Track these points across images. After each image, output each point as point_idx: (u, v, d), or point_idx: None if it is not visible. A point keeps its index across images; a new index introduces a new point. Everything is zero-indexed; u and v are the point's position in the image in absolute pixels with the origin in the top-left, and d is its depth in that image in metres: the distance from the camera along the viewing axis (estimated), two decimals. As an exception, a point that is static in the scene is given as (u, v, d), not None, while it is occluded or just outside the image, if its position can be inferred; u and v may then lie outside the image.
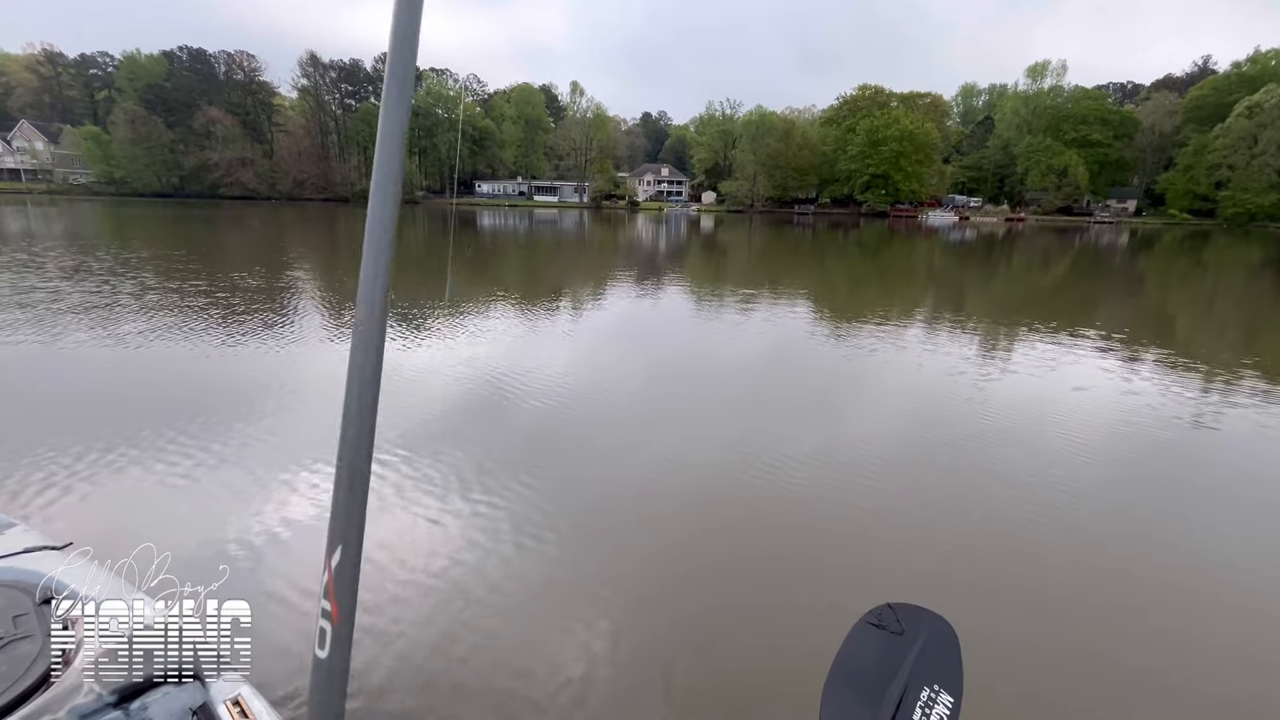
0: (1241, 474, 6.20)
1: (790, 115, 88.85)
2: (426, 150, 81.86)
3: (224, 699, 1.82)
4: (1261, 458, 6.58)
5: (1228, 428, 7.40)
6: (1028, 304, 17.45)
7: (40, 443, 5.65)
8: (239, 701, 1.82)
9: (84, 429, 6.01)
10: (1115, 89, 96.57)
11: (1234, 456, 6.60)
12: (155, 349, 9.23)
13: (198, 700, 1.84)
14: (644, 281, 19.63)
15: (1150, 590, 4.33)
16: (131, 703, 1.79)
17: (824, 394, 8.69)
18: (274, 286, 15.32)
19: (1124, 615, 4.02)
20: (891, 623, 1.77)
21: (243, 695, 1.84)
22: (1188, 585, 4.40)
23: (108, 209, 48.11)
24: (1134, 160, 76.92)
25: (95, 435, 5.87)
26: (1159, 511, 5.47)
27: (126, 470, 5.30)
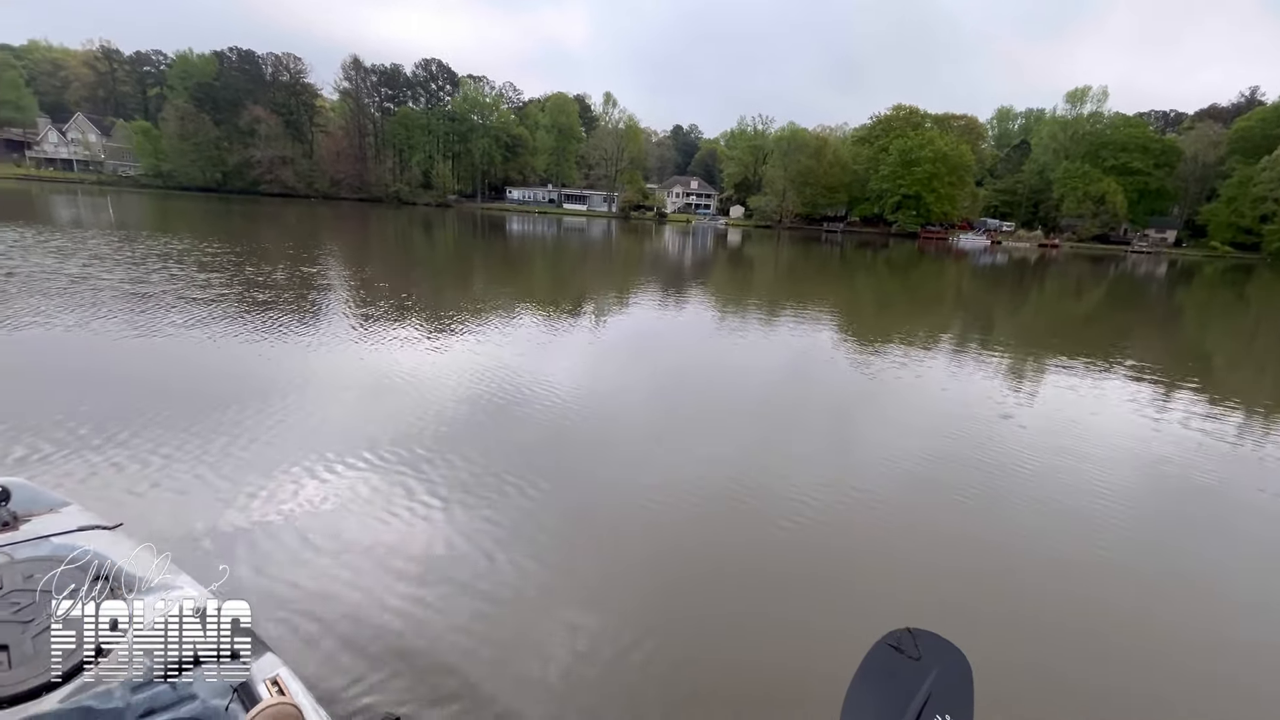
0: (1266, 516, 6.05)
1: (822, 132, 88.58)
2: (460, 155, 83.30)
3: (264, 678, 1.90)
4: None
5: (1263, 471, 7.20)
6: (1057, 332, 17.13)
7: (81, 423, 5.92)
8: (277, 681, 1.88)
9: (125, 412, 6.28)
10: (1157, 117, 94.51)
11: (1267, 500, 6.42)
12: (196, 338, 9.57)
13: (239, 678, 1.93)
14: (668, 293, 19.72)
15: (1176, 638, 4.23)
16: (179, 677, 1.88)
17: (843, 413, 8.65)
18: (304, 280, 15.73)
19: (1148, 665, 3.93)
20: (910, 647, 1.80)
21: (281, 675, 1.91)
22: (1214, 634, 4.30)
23: (154, 201, 49.83)
24: (1175, 190, 74.95)
25: (133, 417, 6.13)
26: (1187, 553, 5.36)
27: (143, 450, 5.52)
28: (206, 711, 1.94)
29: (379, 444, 6.03)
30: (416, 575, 4.12)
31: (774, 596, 4.29)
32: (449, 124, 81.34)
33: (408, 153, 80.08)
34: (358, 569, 4.12)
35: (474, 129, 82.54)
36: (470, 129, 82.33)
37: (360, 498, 5.04)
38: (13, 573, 2.18)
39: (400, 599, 3.86)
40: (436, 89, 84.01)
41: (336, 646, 3.42)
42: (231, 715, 1.91)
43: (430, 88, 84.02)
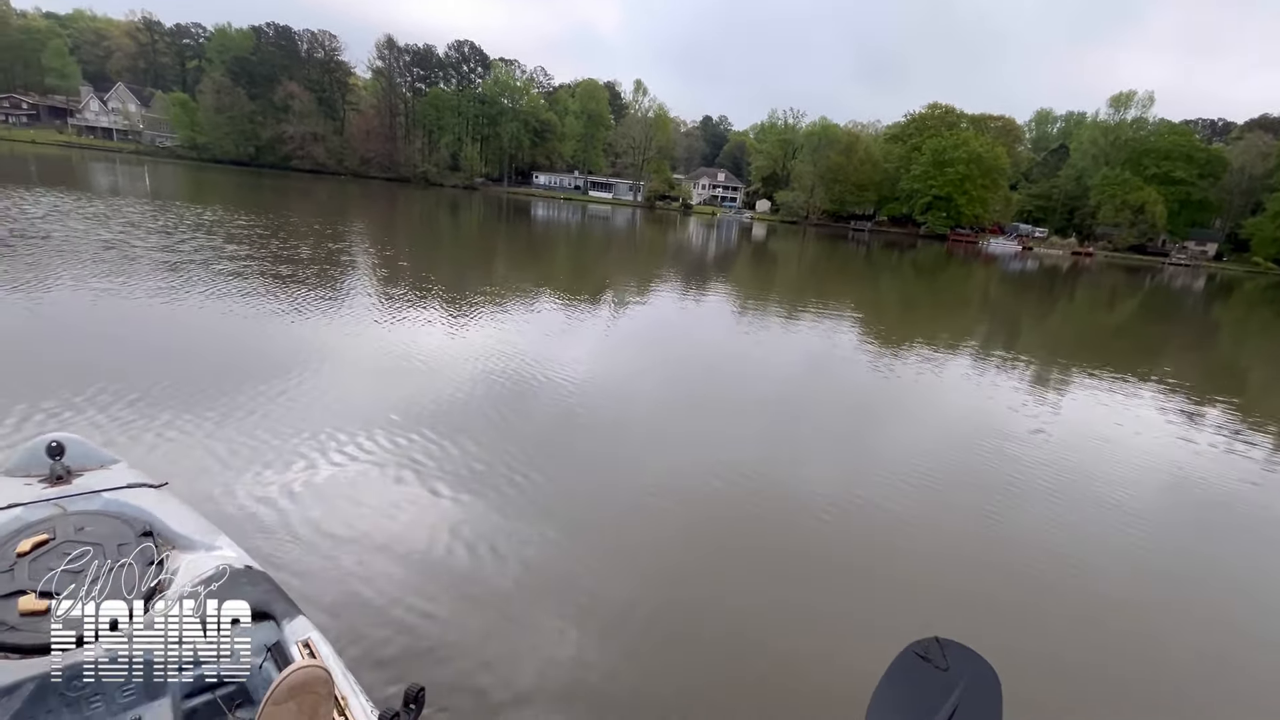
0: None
1: (854, 129, 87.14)
2: (489, 138, 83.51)
3: (296, 640, 1.97)
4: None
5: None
6: (1085, 344, 16.75)
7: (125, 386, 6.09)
8: (309, 643, 1.95)
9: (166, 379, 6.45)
10: (1204, 125, 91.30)
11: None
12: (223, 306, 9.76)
13: (273, 638, 2.01)
14: (689, 285, 19.65)
15: (1207, 663, 4.15)
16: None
17: (860, 416, 8.58)
18: (330, 257, 15.94)
19: (1178, 687, 3.85)
20: (938, 657, 1.76)
21: (312, 639, 1.97)
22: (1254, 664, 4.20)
23: (189, 172, 50.79)
24: (1218, 202, 72.39)
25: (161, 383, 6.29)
26: (1225, 578, 5.24)
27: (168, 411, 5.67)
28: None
29: (396, 421, 6.12)
30: (424, 552, 4.19)
31: (786, 591, 4.29)
32: (479, 106, 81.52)
33: (437, 134, 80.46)
34: (373, 542, 4.19)
35: (503, 112, 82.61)
36: (500, 112, 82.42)
37: (373, 475, 5.12)
38: (65, 524, 2.26)
39: (409, 575, 3.93)
40: (468, 71, 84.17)
41: (356, 612, 3.51)
42: (265, 673, 1.98)
43: (462, 69, 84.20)
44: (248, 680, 2.00)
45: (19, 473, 2.69)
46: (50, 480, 2.64)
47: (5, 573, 1.99)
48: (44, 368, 6.52)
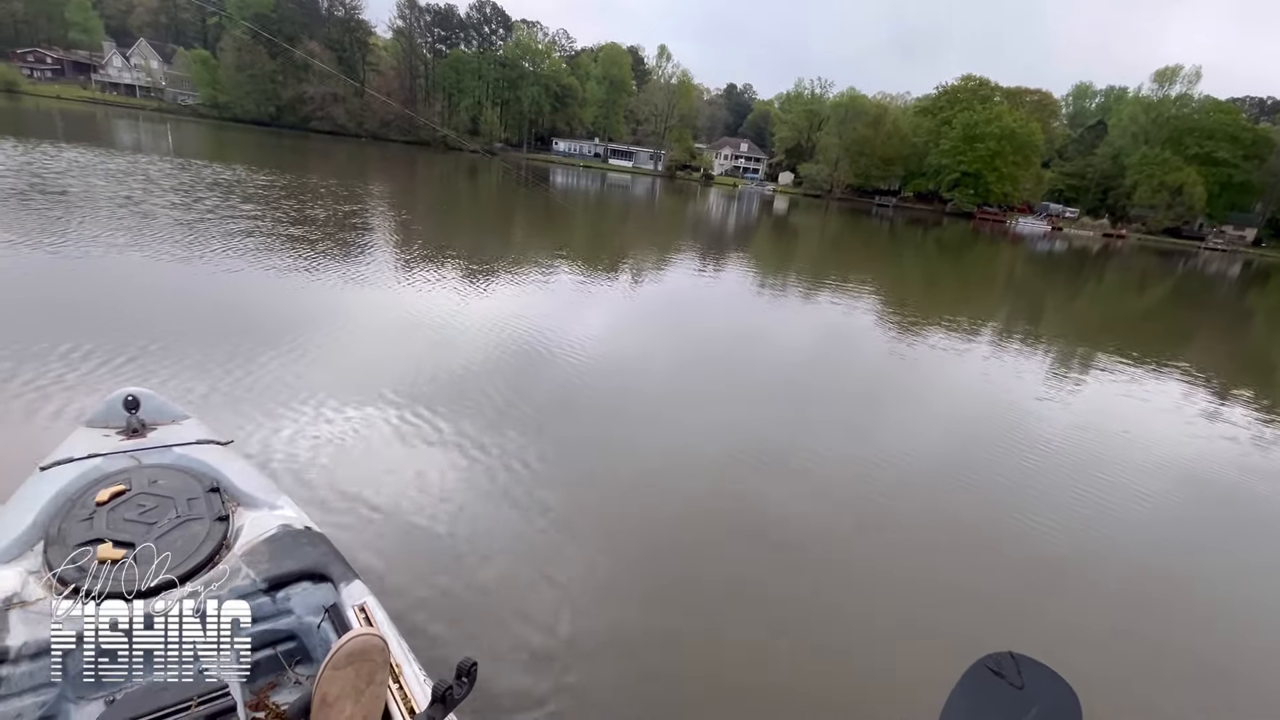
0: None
1: (883, 100, 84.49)
2: (509, 102, 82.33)
3: (352, 604, 2.01)
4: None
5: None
6: (1109, 330, 16.38)
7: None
8: (365, 608, 1.99)
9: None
10: (1252, 104, 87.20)
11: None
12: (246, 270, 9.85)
13: (330, 600, 2.07)
14: (707, 258, 19.44)
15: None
16: (278, 592, 2.04)
17: (878, 400, 8.50)
18: (346, 220, 15.97)
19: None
20: (1012, 673, 1.67)
21: (368, 604, 2.01)
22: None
23: (210, 131, 50.90)
24: (1261, 185, 69.32)
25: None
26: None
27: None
28: (301, 627, 2.08)
29: (401, 388, 6.17)
30: (433, 513, 4.25)
31: (788, 577, 4.32)
32: (500, 70, 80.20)
33: (457, 97, 79.44)
34: (368, 504, 4.25)
35: (524, 76, 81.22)
36: (521, 76, 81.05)
37: (378, 441, 5.18)
38: (140, 477, 2.34)
39: (423, 538, 4.00)
40: (489, 32, 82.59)
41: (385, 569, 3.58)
42: (323, 633, 2.04)
43: (483, 31, 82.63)
44: (306, 639, 2.07)
45: (99, 424, 2.80)
46: (126, 433, 2.74)
47: (85, 520, 2.06)
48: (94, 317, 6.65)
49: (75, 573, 1.83)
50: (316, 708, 1.54)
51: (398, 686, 1.71)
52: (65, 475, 2.31)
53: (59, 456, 2.46)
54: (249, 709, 1.88)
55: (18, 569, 1.87)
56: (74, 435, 2.73)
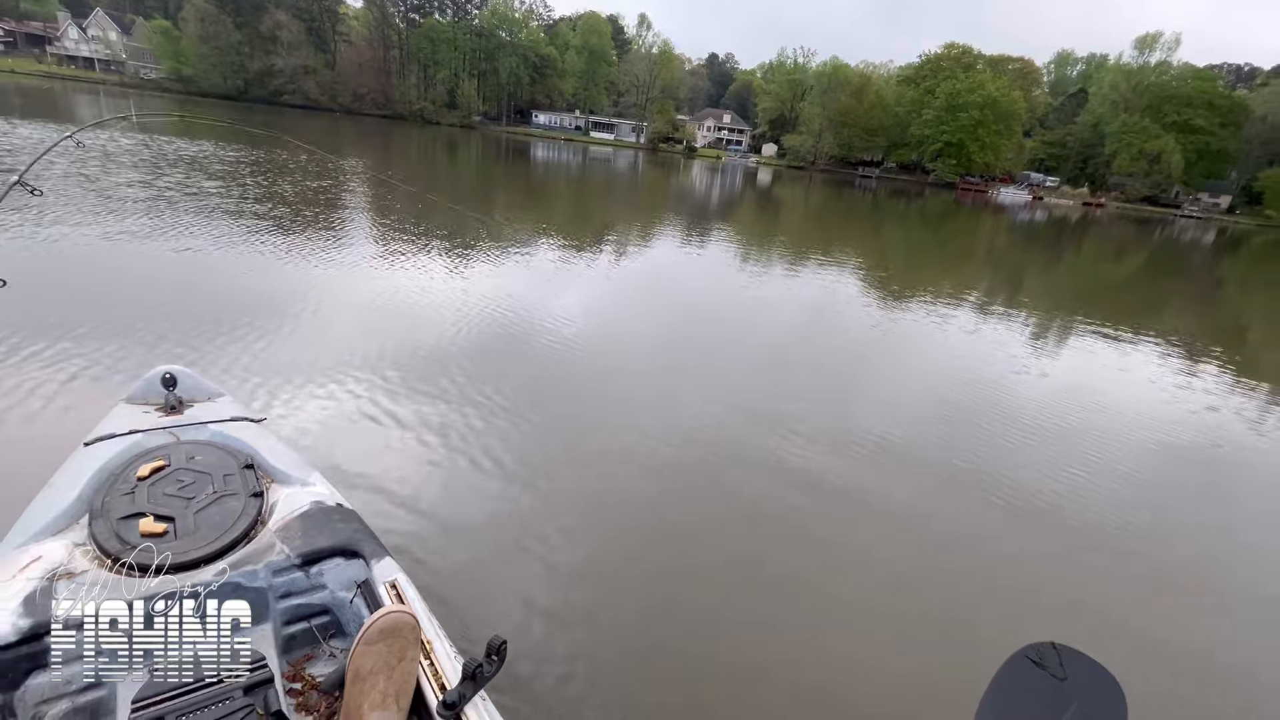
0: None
1: (866, 70, 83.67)
2: (487, 74, 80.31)
3: (384, 580, 2.04)
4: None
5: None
6: (1086, 298, 16.61)
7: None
8: (396, 585, 2.02)
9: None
10: (1229, 71, 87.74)
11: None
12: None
13: (362, 576, 2.11)
14: (690, 232, 19.31)
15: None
16: (311, 568, 2.07)
17: (861, 370, 8.56)
18: (321, 196, 15.57)
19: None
20: (1054, 664, 1.64)
21: (398, 580, 2.04)
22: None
23: (176, 106, 49.05)
24: (1237, 152, 70.03)
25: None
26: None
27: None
28: (335, 602, 2.13)
29: (380, 363, 6.09)
30: (405, 489, 4.22)
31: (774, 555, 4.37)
32: (476, 40, 78.03)
33: (433, 69, 77.23)
34: (345, 476, 4.21)
35: (501, 46, 79.12)
36: (498, 46, 78.95)
37: (350, 417, 5.12)
38: (179, 453, 2.40)
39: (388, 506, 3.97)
40: (465, 1, 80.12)
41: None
42: (355, 608, 2.09)
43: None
44: (339, 613, 2.13)
45: (138, 400, 2.91)
46: (165, 409, 2.84)
47: (127, 495, 2.12)
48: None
49: (118, 545, 1.90)
50: (350, 682, 1.59)
51: (429, 663, 1.74)
52: (108, 451, 2.38)
53: (101, 432, 2.52)
54: (285, 680, 1.93)
55: (64, 541, 1.95)
56: (114, 411, 2.81)
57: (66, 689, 1.65)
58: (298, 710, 1.85)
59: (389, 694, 1.61)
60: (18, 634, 1.60)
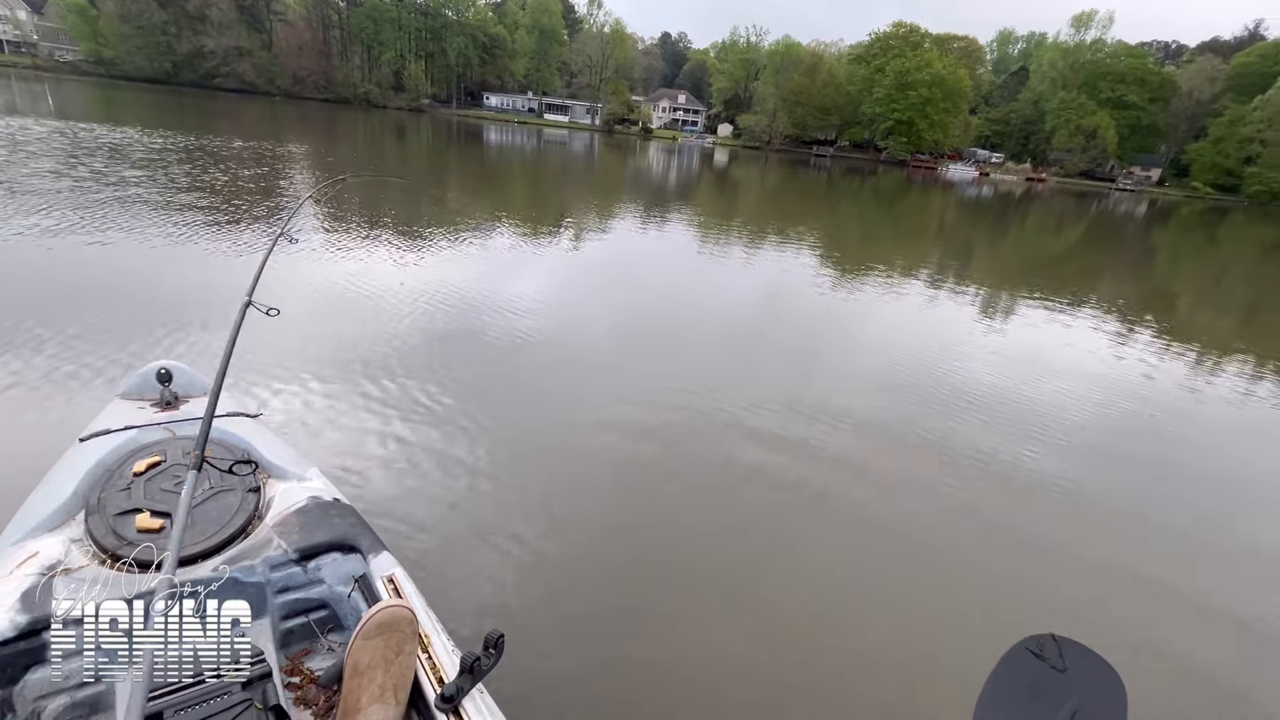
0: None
1: (817, 48, 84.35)
2: (434, 55, 77.66)
3: (381, 575, 2.04)
4: None
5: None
6: (1035, 270, 17.31)
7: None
8: (393, 579, 2.02)
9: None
10: (1158, 48, 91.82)
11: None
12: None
13: (359, 571, 2.11)
14: (648, 215, 19.26)
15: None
16: (309, 562, 2.06)
17: (820, 345, 8.74)
18: (264, 183, 14.91)
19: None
20: (1054, 656, 1.65)
21: (396, 575, 2.04)
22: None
23: (98, 90, 45.99)
24: (1166, 127, 73.79)
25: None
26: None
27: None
28: (332, 596, 2.14)
29: (334, 359, 5.92)
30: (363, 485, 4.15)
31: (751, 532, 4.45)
32: (421, 19, 75.27)
33: (377, 50, 74.16)
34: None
35: (448, 26, 76.57)
36: (444, 26, 76.36)
37: (308, 414, 4.99)
38: (175, 448, 2.38)
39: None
40: (407, -22, 76.95)
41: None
42: (353, 602, 2.09)
43: (400, -24, 76.92)
44: (337, 608, 2.14)
45: (133, 396, 2.90)
46: (160, 405, 2.83)
47: (124, 490, 2.11)
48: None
49: (115, 541, 1.91)
50: (348, 676, 1.59)
51: (426, 656, 1.75)
52: (103, 446, 2.36)
53: (97, 428, 2.50)
54: (284, 674, 1.93)
55: (60, 537, 1.94)
56: (110, 407, 2.79)
57: (65, 684, 1.66)
58: (296, 704, 1.85)
59: (387, 688, 1.61)
60: (15, 630, 1.61)
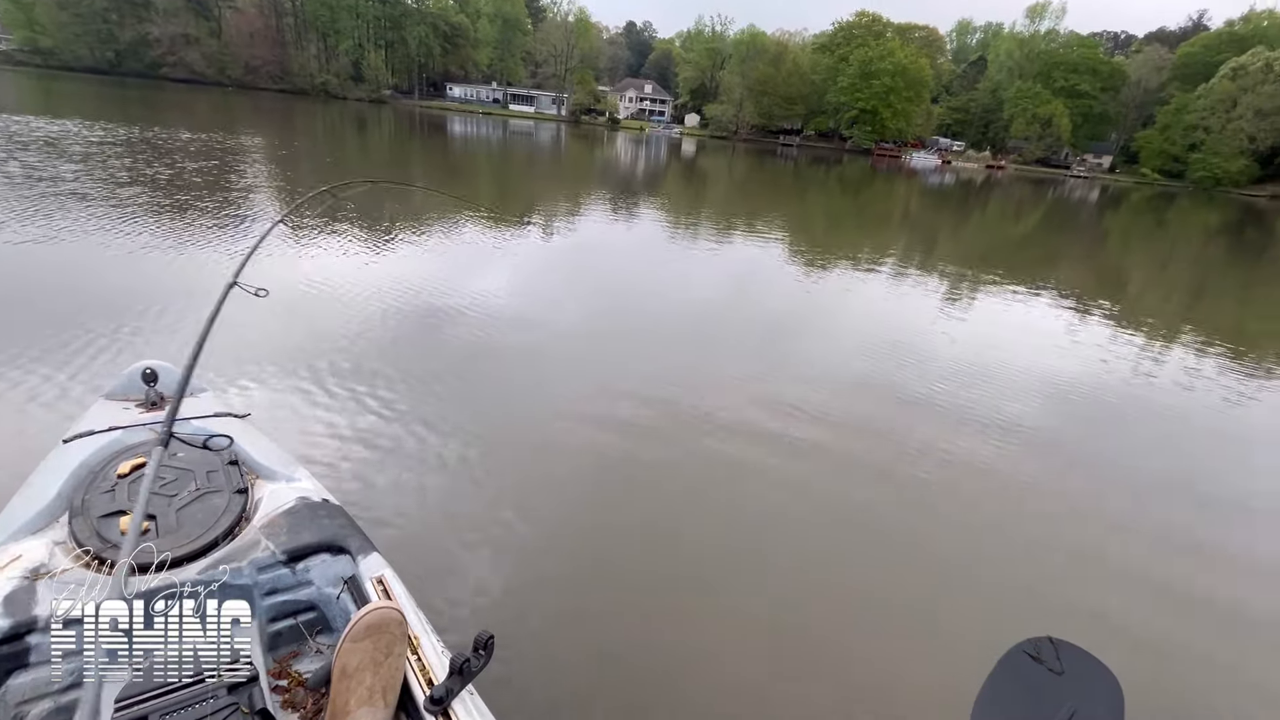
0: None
1: (782, 37, 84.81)
2: (394, 44, 75.66)
3: (370, 576, 2.01)
4: None
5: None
6: (996, 255, 17.78)
7: None
8: (382, 580, 2.00)
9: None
10: (1108, 38, 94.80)
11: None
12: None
13: (349, 572, 2.09)
14: (617, 206, 19.18)
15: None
16: (297, 564, 2.04)
17: (787, 336, 8.85)
18: (222, 178, 14.39)
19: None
20: (1051, 659, 1.64)
21: (386, 576, 2.01)
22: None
23: (35, 81, 43.73)
24: (1116, 115, 76.39)
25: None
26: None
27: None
28: (321, 598, 2.11)
29: (294, 356, 5.78)
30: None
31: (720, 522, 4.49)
32: (379, 6, 73.15)
33: (333, 38, 71.90)
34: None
35: (408, 14, 74.65)
36: (404, 14, 74.41)
37: (278, 413, 4.86)
38: (160, 449, 2.28)
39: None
40: (363, -36, 74.66)
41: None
42: (343, 604, 2.07)
43: (356, -37, 74.60)
44: (326, 609, 2.11)
45: (118, 396, 2.84)
46: (146, 405, 2.77)
47: (108, 493, 2.08)
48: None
49: (99, 543, 1.89)
50: (336, 678, 1.58)
51: (416, 658, 1.74)
52: (87, 448, 2.32)
53: (80, 429, 2.46)
54: (271, 677, 1.90)
55: (44, 540, 1.92)
56: (94, 408, 2.75)
57: (48, 688, 1.64)
58: (284, 707, 1.82)
59: (376, 690, 1.60)
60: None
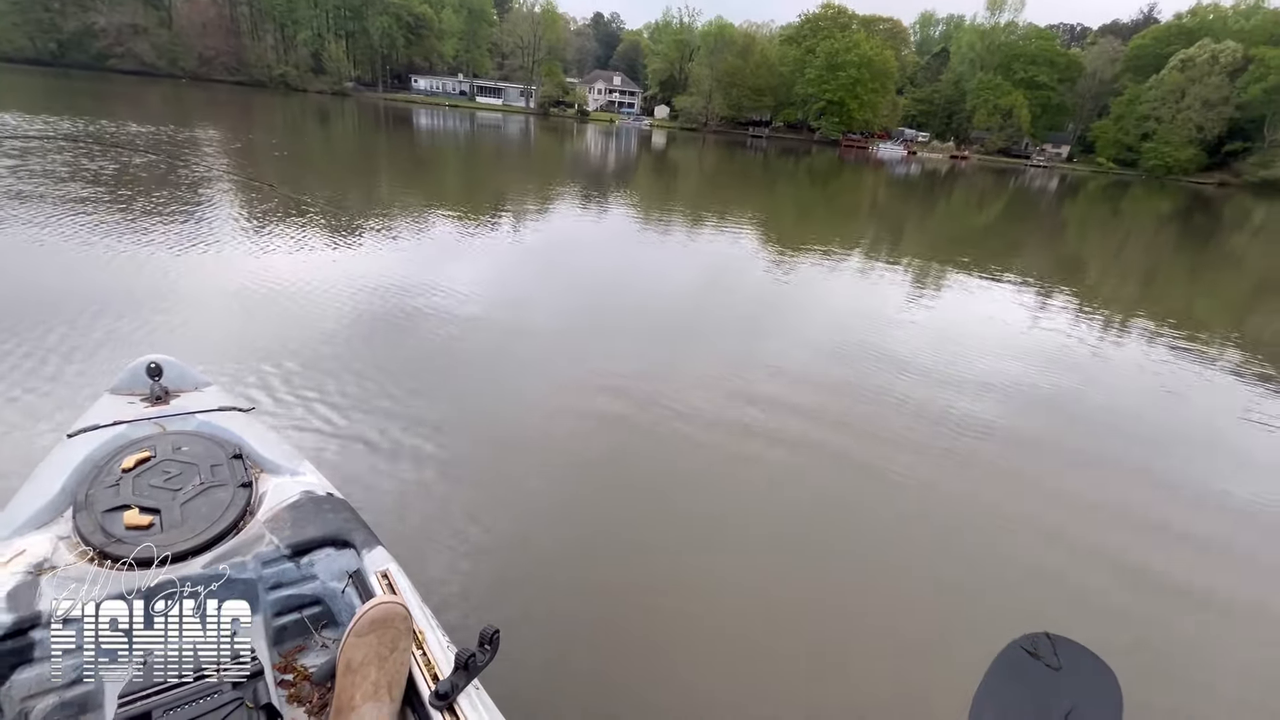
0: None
1: (750, 29, 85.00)
2: (355, 35, 73.75)
3: (375, 570, 2.02)
4: None
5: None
6: (963, 243, 18.20)
7: None
8: (387, 574, 2.00)
9: None
10: (1065, 30, 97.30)
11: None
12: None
13: (353, 566, 2.09)
14: (588, 200, 19.10)
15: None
16: (301, 558, 2.04)
17: (758, 327, 8.94)
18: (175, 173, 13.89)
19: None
20: (1048, 655, 1.66)
21: (390, 571, 2.01)
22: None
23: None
24: (1073, 106, 78.53)
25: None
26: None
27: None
28: (326, 592, 2.11)
29: (261, 358, 5.65)
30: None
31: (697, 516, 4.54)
32: (338, -5, 71.21)
33: (291, 29, 69.77)
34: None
35: (369, 3, 72.78)
36: (365, 3, 72.54)
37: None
38: (165, 443, 2.35)
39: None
40: (320, -48, 72.47)
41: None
42: (347, 598, 2.07)
43: (313, -50, 72.36)
44: (331, 603, 2.11)
45: (123, 390, 2.82)
46: (150, 400, 2.76)
47: (112, 487, 2.09)
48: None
49: (103, 538, 1.88)
50: (341, 673, 1.57)
51: (421, 653, 1.74)
52: (92, 442, 2.33)
53: (85, 424, 2.46)
54: (277, 671, 1.91)
55: (48, 534, 1.91)
56: (99, 402, 2.74)
57: (53, 684, 1.64)
58: (289, 702, 1.82)
59: (381, 685, 1.60)
60: (2, 629, 1.58)
